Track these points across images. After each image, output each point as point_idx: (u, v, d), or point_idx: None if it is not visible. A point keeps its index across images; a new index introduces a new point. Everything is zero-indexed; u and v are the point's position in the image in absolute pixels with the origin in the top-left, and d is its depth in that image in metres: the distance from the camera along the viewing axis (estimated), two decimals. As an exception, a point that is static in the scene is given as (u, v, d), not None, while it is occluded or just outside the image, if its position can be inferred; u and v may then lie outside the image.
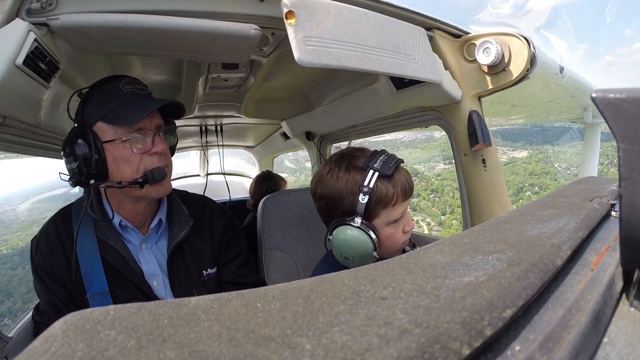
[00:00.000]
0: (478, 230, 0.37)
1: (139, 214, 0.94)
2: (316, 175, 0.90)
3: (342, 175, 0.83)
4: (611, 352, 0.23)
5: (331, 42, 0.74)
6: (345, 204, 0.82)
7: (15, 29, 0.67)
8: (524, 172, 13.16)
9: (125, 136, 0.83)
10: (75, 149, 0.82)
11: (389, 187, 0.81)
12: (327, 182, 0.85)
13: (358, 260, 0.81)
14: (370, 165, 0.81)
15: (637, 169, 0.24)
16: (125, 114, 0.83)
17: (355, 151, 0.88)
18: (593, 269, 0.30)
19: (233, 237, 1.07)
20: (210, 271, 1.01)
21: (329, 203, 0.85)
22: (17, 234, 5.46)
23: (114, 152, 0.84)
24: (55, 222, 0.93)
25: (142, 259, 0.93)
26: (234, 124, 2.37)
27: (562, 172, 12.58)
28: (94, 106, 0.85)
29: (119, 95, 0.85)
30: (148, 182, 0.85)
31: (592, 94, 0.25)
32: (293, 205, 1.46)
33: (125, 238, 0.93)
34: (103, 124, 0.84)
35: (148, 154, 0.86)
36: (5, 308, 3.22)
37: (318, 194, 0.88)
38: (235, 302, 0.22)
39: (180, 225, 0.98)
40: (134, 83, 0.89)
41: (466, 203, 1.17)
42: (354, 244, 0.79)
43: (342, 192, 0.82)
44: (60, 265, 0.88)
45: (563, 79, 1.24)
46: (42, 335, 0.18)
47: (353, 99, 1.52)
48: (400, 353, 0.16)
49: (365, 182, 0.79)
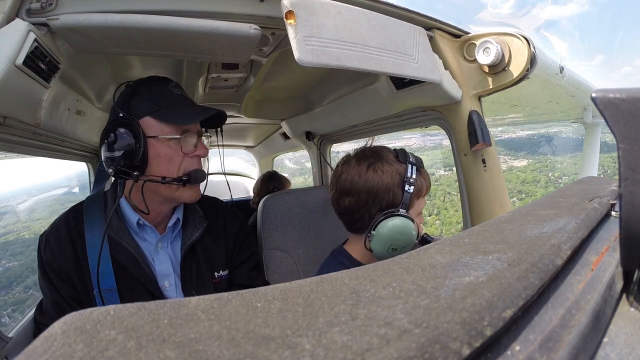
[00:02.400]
0: (478, 230, 0.37)
1: (160, 214, 0.94)
2: (351, 171, 0.88)
3: (386, 168, 0.85)
4: (611, 352, 0.23)
5: (331, 42, 0.74)
6: (389, 196, 0.84)
7: (15, 29, 0.67)
8: (517, 179, 13.43)
9: (173, 134, 0.86)
10: (120, 139, 0.83)
11: (422, 179, 0.87)
12: (371, 176, 0.85)
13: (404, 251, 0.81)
14: (408, 159, 0.87)
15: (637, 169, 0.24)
16: (176, 114, 0.86)
17: (380, 148, 0.91)
18: (593, 269, 0.30)
19: (246, 240, 1.08)
20: (222, 273, 1.01)
21: (371, 197, 0.84)
22: (38, 221, 5.96)
23: (157, 148, 0.85)
24: (66, 218, 0.93)
25: (156, 259, 0.93)
26: (234, 124, 2.37)
27: (554, 180, 12.99)
28: (143, 101, 0.87)
29: (169, 96, 0.88)
30: (190, 182, 0.87)
31: (592, 94, 0.25)
32: (293, 205, 1.46)
33: (140, 237, 0.93)
34: (151, 119, 0.85)
35: (189, 155, 0.89)
36: (31, 281, 3.52)
37: (357, 189, 0.86)
38: (235, 302, 0.22)
39: (194, 226, 0.98)
40: (180, 88, 0.93)
41: (466, 203, 1.17)
42: (407, 233, 0.81)
43: (388, 184, 0.84)
44: (69, 263, 0.87)
45: (563, 79, 1.24)
46: (42, 335, 0.18)
47: (353, 99, 1.52)
48: (400, 353, 0.16)
49: (408, 174, 0.84)
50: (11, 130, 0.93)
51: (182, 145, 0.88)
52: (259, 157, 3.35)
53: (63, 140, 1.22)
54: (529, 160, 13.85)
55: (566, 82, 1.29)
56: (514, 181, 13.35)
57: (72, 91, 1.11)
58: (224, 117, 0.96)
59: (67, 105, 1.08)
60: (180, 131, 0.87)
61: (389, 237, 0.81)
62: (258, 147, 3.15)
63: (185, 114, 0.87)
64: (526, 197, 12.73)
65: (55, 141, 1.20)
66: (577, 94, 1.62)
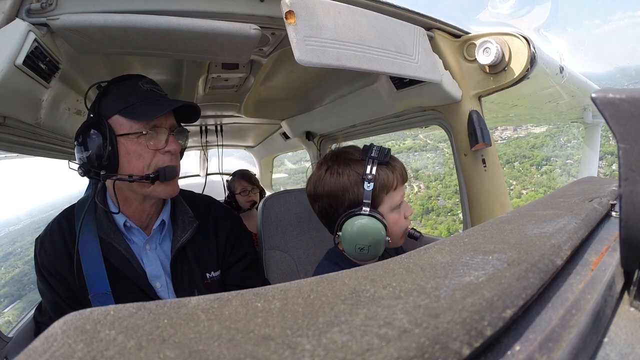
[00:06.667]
0: (478, 230, 0.37)
1: (143, 213, 0.93)
2: (313, 176, 0.90)
3: (342, 169, 0.85)
4: (611, 352, 0.23)
5: (331, 42, 0.74)
6: (350, 196, 0.83)
7: (15, 29, 0.67)
8: (527, 145, 13.37)
9: (141, 131, 0.84)
10: (89, 139, 0.82)
11: (389, 172, 0.84)
12: (328, 179, 0.86)
13: (373, 249, 0.81)
14: (368, 155, 0.84)
15: (637, 169, 0.24)
16: (143, 110, 0.84)
17: (347, 148, 0.90)
18: (593, 269, 0.30)
19: (238, 240, 1.06)
20: (214, 274, 1.00)
21: (333, 200, 0.85)
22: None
23: (127, 145, 0.84)
24: (59, 221, 0.93)
25: (145, 260, 0.93)
26: (233, 124, 2.37)
27: (561, 151, 12.95)
28: (112, 100, 0.86)
29: (138, 93, 0.86)
30: (159, 179, 0.85)
31: (592, 94, 0.25)
32: (293, 205, 1.46)
33: (129, 239, 0.93)
34: (120, 117, 0.84)
35: (160, 151, 0.87)
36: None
37: (319, 194, 0.88)
38: (235, 302, 0.22)
39: (184, 227, 0.97)
40: (152, 83, 0.91)
41: (466, 203, 1.17)
42: (368, 232, 0.80)
43: (345, 185, 0.83)
44: (64, 265, 0.88)
45: (563, 79, 1.24)
46: (42, 335, 0.18)
47: (353, 99, 1.52)
48: (400, 353, 0.16)
49: (367, 171, 0.82)
50: (11, 130, 0.93)
51: (152, 141, 0.85)
52: (259, 157, 3.35)
53: (63, 140, 1.22)
54: (548, 128, 13.74)
55: (566, 82, 1.29)
56: (525, 147, 13.35)
57: (72, 91, 1.11)
58: (197, 111, 0.94)
59: (67, 105, 1.08)
60: (148, 127, 0.85)
61: (351, 237, 0.81)
62: (258, 147, 3.15)
63: (150, 109, 0.84)
64: (525, 160, 12.81)
65: (55, 141, 1.20)
66: (577, 93, 1.62)
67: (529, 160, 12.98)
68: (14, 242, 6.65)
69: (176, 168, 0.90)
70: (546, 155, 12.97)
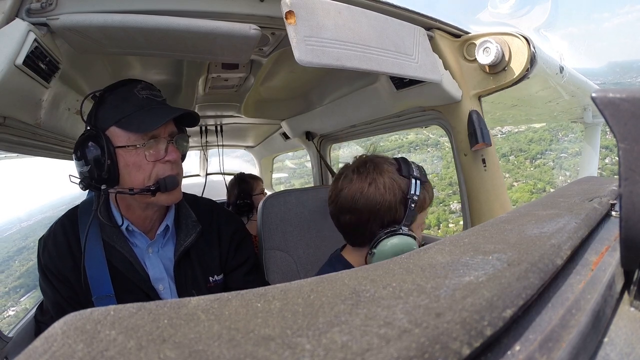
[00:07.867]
0: (478, 230, 0.37)
1: (147, 219, 0.94)
2: (353, 188, 0.83)
3: (389, 186, 0.80)
4: (611, 352, 0.23)
5: (331, 42, 0.74)
6: (392, 214, 0.80)
7: (15, 29, 0.67)
8: (525, 139, 13.45)
9: (139, 143, 0.83)
10: (88, 153, 0.82)
11: (425, 192, 0.83)
12: (373, 194, 0.81)
13: None
14: (411, 173, 0.82)
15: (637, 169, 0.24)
16: (140, 120, 0.83)
17: (382, 159, 0.86)
18: (593, 269, 0.30)
19: (241, 244, 1.06)
20: (217, 278, 1.01)
21: (372, 215, 0.81)
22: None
23: (126, 157, 0.83)
24: (62, 223, 0.93)
25: (148, 263, 0.93)
26: (234, 124, 2.37)
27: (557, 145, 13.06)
28: (108, 110, 0.85)
29: (134, 101, 0.85)
30: (160, 190, 0.85)
31: (592, 94, 0.25)
32: (293, 205, 1.46)
33: (131, 242, 0.93)
34: (117, 129, 0.83)
35: (161, 161, 0.86)
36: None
37: (358, 207, 0.81)
38: (235, 302, 0.22)
39: (187, 231, 0.97)
40: (149, 89, 0.89)
41: (466, 203, 1.17)
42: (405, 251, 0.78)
43: (391, 202, 0.80)
44: (67, 266, 0.88)
45: (563, 79, 1.24)
46: (42, 335, 0.18)
47: (353, 98, 1.52)
48: (400, 353, 0.16)
49: (412, 191, 0.80)
50: (11, 130, 0.93)
51: (151, 152, 0.85)
52: (259, 157, 3.35)
53: (63, 140, 1.22)
54: (548, 123, 13.84)
55: (566, 82, 1.29)
56: (522, 141, 13.43)
57: (72, 91, 1.11)
58: (196, 117, 0.93)
59: (67, 105, 1.08)
60: (146, 138, 0.84)
61: (389, 256, 0.79)
62: (258, 147, 3.15)
63: (147, 120, 0.83)
64: (521, 153, 12.96)
65: (55, 141, 1.20)
66: (577, 93, 1.62)
67: (524, 154, 13.10)
68: (26, 237, 6.70)
69: (177, 177, 0.89)
70: (541, 149, 13.09)
